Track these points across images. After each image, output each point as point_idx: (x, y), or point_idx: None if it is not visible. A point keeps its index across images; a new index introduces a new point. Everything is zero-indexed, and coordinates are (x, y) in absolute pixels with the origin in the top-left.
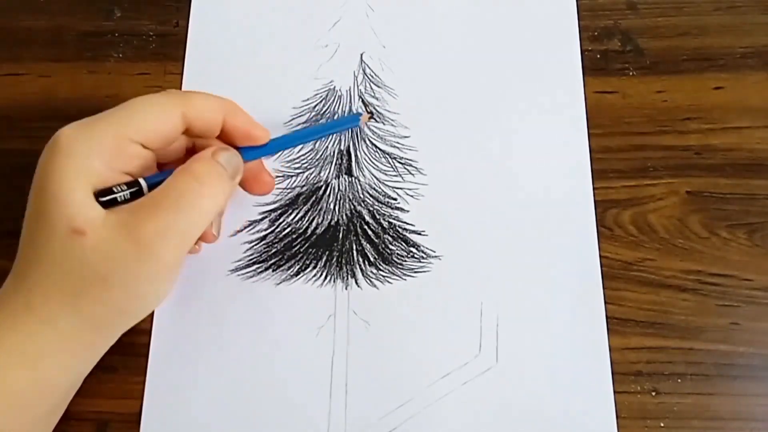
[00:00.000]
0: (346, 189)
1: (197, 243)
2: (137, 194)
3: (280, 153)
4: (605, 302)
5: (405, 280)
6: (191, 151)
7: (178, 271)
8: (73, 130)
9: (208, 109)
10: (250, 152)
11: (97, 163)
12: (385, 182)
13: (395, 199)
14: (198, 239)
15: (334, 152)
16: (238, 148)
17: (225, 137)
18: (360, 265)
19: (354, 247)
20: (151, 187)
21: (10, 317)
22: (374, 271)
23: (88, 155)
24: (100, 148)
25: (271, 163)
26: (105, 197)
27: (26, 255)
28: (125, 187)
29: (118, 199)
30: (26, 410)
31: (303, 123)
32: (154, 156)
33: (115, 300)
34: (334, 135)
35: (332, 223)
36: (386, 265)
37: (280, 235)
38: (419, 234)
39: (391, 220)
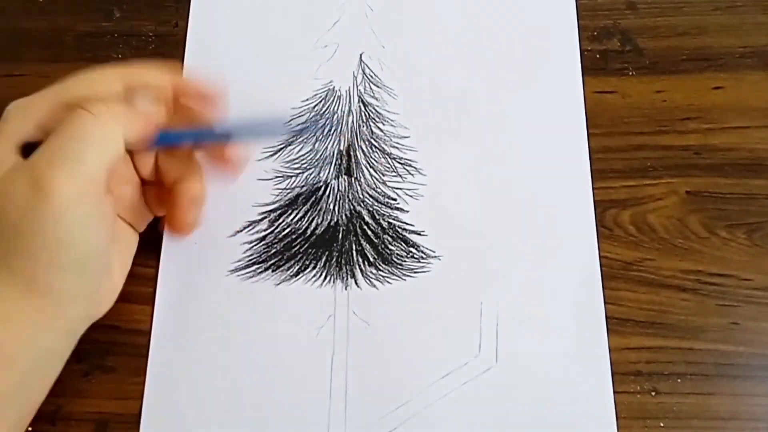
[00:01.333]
0: (345, 189)
1: (190, 212)
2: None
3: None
4: (605, 302)
5: (405, 280)
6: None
7: (99, 213)
8: (21, 99)
9: (153, 80)
10: (169, 138)
11: (28, 126)
12: (385, 182)
13: (395, 200)
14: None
15: (333, 153)
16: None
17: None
18: (360, 266)
19: (354, 247)
20: None
21: None
22: (374, 271)
23: (21, 118)
24: (35, 112)
25: (271, 164)
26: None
27: None
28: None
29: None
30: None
31: (302, 123)
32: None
33: (31, 249)
34: (335, 135)
35: (332, 223)
36: (386, 265)
37: (280, 236)
38: (419, 234)
39: (390, 221)
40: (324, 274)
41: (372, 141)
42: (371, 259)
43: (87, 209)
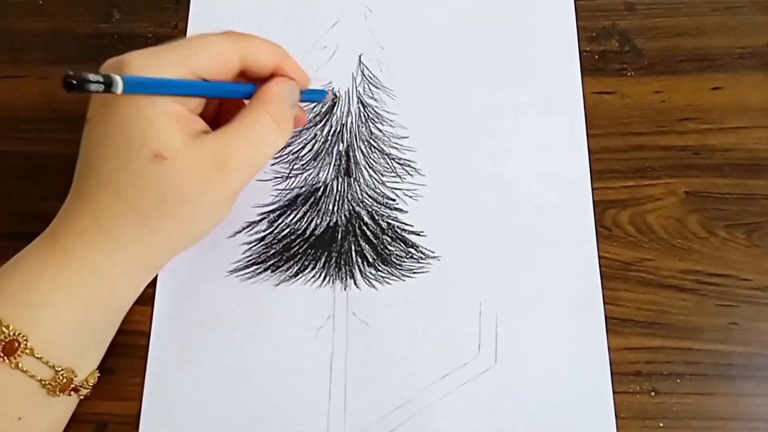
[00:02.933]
0: (344, 190)
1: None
2: (109, 87)
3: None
4: (604, 302)
5: (404, 280)
6: None
7: (236, 198)
8: (141, 57)
9: (265, 53)
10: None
11: (161, 102)
12: (384, 183)
13: (394, 200)
14: None
15: (332, 153)
16: None
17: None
18: (359, 266)
19: (353, 247)
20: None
21: (78, 234)
22: (373, 271)
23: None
24: (168, 74)
25: (270, 164)
26: (74, 84)
27: (95, 178)
28: (101, 79)
29: (89, 88)
30: (92, 326)
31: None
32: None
33: (187, 218)
34: (333, 136)
35: (331, 224)
36: (385, 265)
37: (279, 236)
38: (418, 234)
39: (389, 221)
40: (323, 275)
41: (371, 141)
42: (370, 260)
43: (238, 196)
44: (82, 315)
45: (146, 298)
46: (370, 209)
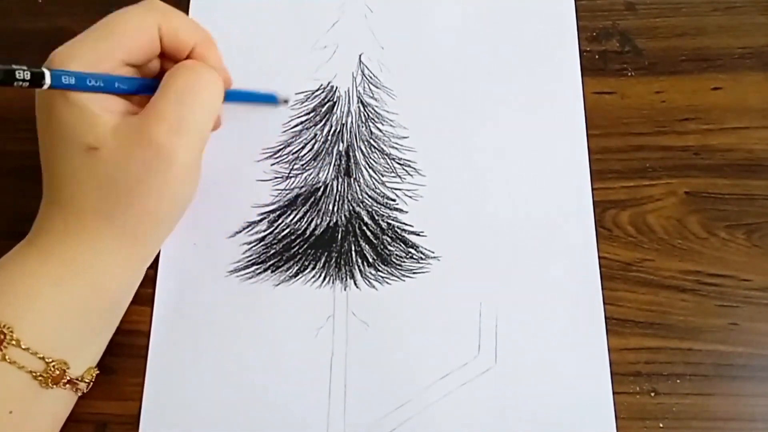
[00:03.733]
0: (344, 190)
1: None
2: (37, 80)
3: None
4: (604, 303)
5: (404, 281)
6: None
7: (199, 169)
8: (66, 50)
9: (184, 29)
10: None
11: (83, 95)
12: (384, 183)
13: (394, 200)
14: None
15: (332, 153)
16: None
17: None
18: (359, 266)
19: (353, 248)
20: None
21: (55, 235)
22: (373, 272)
23: (78, 67)
24: (90, 61)
25: (270, 165)
26: (2, 76)
27: (50, 180)
28: (27, 73)
29: (17, 77)
30: (83, 320)
31: (302, 123)
32: (138, 73)
33: (143, 207)
34: (333, 136)
35: (331, 224)
36: (385, 266)
37: (279, 236)
38: (418, 235)
39: (389, 221)
40: (323, 275)
41: (371, 141)
42: (370, 260)
43: (198, 170)
44: (70, 308)
45: (146, 298)
46: (370, 209)
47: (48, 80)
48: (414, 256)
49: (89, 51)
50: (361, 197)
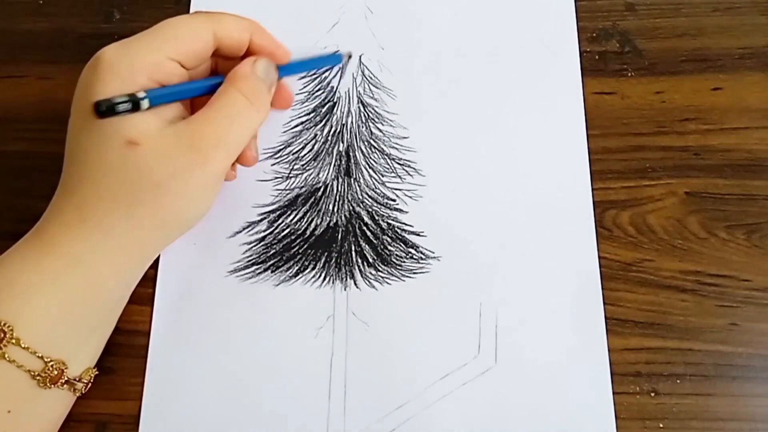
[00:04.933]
0: (345, 190)
1: (234, 168)
2: (136, 107)
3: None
4: (604, 303)
5: (404, 281)
6: (215, 73)
7: (222, 181)
8: (116, 49)
9: (237, 29)
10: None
11: (141, 80)
12: (384, 183)
13: (394, 200)
14: (238, 162)
15: (333, 153)
16: None
17: (250, 55)
18: (359, 266)
19: (353, 248)
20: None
21: (63, 227)
22: (373, 272)
23: (131, 72)
24: (142, 66)
25: (270, 165)
26: (104, 108)
27: (77, 170)
28: (126, 98)
29: (119, 110)
30: (82, 318)
31: (302, 124)
32: (189, 75)
33: (168, 205)
34: (333, 136)
35: (331, 224)
36: (385, 266)
37: (279, 236)
38: (418, 235)
39: (390, 221)
40: (323, 275)
41: (371, 142)
42: (370, 260)
43: (221, 182)
44: (69, 306)
45: (146, 298)
46: (370, 209)
47: (146, 104)
48: (414, 256)
49: (141, 51)
50: (361, 197)
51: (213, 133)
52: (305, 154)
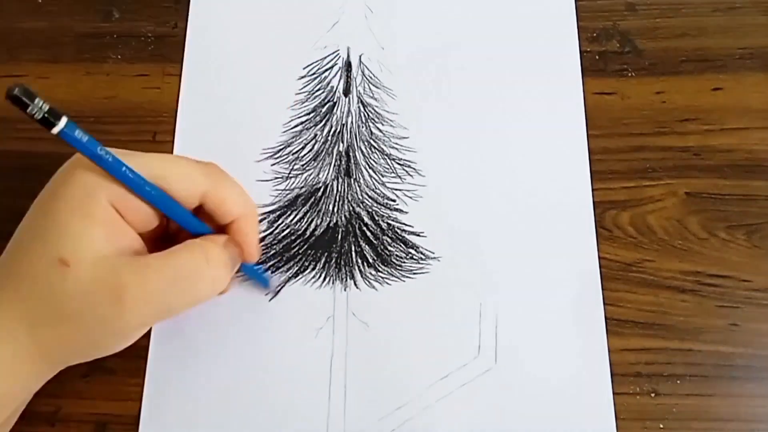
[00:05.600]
0: (344, 190)
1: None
2: (48, 121)
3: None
4: (604, 303)
5: (404, 281)
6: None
7: (144, 331)
8: (92, 165)
9: (232, 200)
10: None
11: (102, 201)
12: (384, 183)
13: (394, 201)
14: None
15: (333, 154)
16: None
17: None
18: (359, 267)
19: (353, 248)
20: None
21: None
22: (373, 272)
23: (95, 190)
24: (110, 187)
25: (270, 165)
26: (15, 93)
27: (7, 267)
28: (45, 106)
29: (32, 112)
30: None
31: (302, 124)
32: (162, 218)
33: (72, 341)
34: (333, 136)
35: (331, 224)
36: (385, 266)
37: (279, 237)
38: (418, 235)
39: (389, 222)
40: (323, 276)
41: (371, 142)
42: (370, 261)
43: (142, 332)
44: None
45: None
46: (370, 210)
47: (62, 124)
48: (414, 257)
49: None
50: (361, 197)
51: (146, 288)
52: (305, 155)
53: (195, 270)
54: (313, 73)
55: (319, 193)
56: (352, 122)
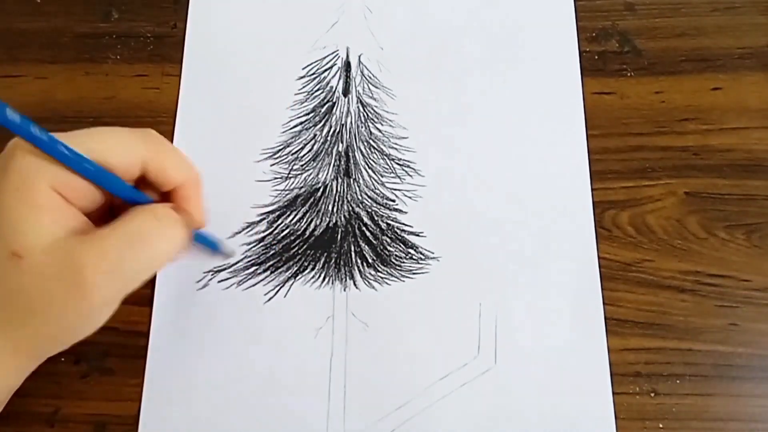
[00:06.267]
0: (344, 191)
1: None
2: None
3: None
4: (604, 303)
5: (403, 281)
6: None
7: (117, 305)
8: (30, 148)
9: (172, 166)
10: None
11: (43, 186)
12: (384, 183)
13: (393, 201)
14: None
15: (332, 154)
16: None
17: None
18: (358, 267)
19: (352, 248)
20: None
21: None
22: (372, 272)
23: (35, 175)
24: (50, 170)
25: (269, 165)
26: None
27: None
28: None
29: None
30: None
31: (302, 124)
32: (106, 195)
33: (44, 330)
34: (333, 136)
35: (330, 224)
36: (384, 266)
37: (279, 237)
38: (417, 235)
39: (389, 222)
40: (323, 276)
41: (371, 142)
42: (370, 261)
43: (113, 306)
44: None
45: (146, 299)
46: (369, 210)
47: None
48: (413, 257)
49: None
50: (360, 198)
51: (103, 260)
52: (304, 155)
53: (148, 230)
54: (313, 74)
55: (319, 194)
56: (351, 122)
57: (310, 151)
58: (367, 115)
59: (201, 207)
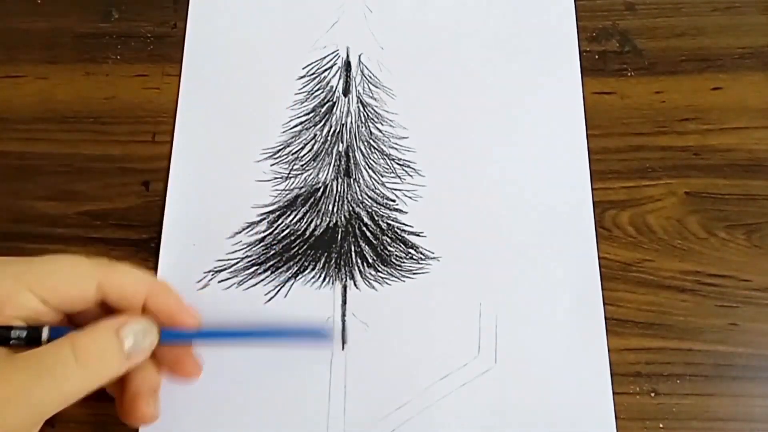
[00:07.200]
0: (344, 191)
1: (151, 402)
2: (33, 340)
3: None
4: (604, 303)
5: (404, 281)
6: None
7: (35, 429)
8: None
9: (129, 285)
10: (170, 335)
11: None
12: (384, 184)
13: (394, 201)
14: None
15: (332, 154)
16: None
17: (150, 314)
18: (359, 267)
19: (352, 248)
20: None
21: None
22: (373, 272)
23: None
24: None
25: (270, 165)
26: None
27: None
28: (23, 332)
29: (10, 338)
30: None
31: (302, 124)
32: (56, 313)
33: None
34: (333, 136)
35: (331, 224)
36: (385, 266)
37: (279, 237)
38: (418, 235)
39: (389, 222)
40: (323, 276)
41: (371, 142)
42: (370, 261)
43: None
44: None
45: None
46: (369, 210)
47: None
48: (414, 257)
49: (7, 279)
50: (360, 198)
51: (7, 387)
52: (305, 155)
53: (60, 364)
54: (313, 73)
55: (319, 193)
56: (351, 122)
57: (310, 151)
58: (368, 114)
59: (182, 308)
